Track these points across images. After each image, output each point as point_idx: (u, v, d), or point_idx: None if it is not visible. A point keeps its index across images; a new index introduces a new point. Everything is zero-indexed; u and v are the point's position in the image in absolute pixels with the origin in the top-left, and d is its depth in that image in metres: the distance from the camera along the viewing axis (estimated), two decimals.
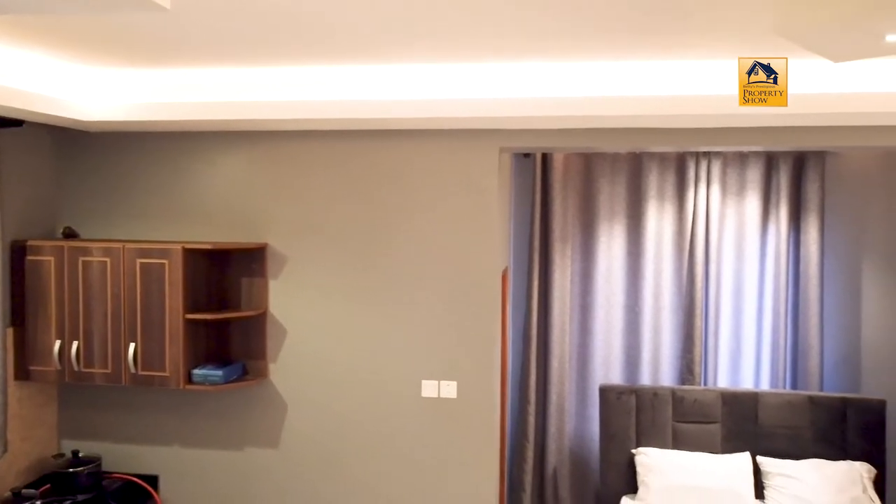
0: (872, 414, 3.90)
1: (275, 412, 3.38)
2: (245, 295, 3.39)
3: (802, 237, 4.18)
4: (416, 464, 3.27)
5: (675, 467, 3.83)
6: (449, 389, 3.25)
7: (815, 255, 4.15)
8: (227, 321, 3.38)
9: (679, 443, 3.99)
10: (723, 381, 4.31)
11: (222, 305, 3.39)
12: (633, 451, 3.99)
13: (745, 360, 4.30)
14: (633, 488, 3.94)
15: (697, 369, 4.22)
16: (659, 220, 4.28)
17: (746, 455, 3.90)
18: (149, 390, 3.45)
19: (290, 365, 3.36)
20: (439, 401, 3.25)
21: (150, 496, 3.47)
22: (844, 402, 3.93)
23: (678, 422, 4.01)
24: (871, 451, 3.86)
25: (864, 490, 3.69)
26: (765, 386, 4.27)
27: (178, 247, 3.15)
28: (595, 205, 4.31)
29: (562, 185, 4.29)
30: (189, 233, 3.38)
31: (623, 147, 3.32)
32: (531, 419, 4.34)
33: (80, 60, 2.81)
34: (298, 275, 3.33)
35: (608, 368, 4.37)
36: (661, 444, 3.99)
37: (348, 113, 2.92)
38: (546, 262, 4.33)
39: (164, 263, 3.16)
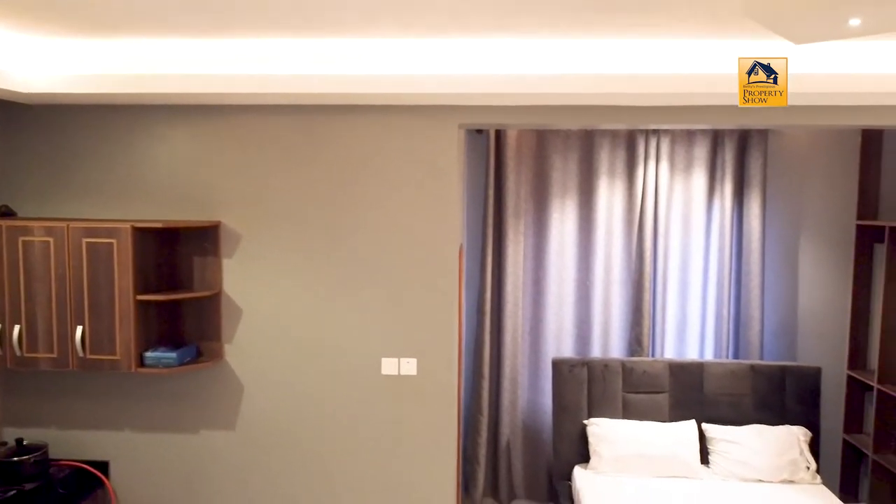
0: (808, 381, 4.11)
1: (231, 394, 3.32)
2: (198, 275, 3.29)
3: (745, 212, 4.34)
4: (376, 442, 3.28)
5: (626, 436, 3.95)
6: (409, 366, 3.25)
7: (757, 230, 4.31)
8: (179, 302, 3.28)
9: (629, 413, 4.11)
10: (670, 353, 4.46)
11: (174, 286, 3.29)
12: (585, 421, 4.09)
13: (690, 332, 4.45)
14: (585, 458, 4.06)
15: (646, 341, 4.35)
16: (610, 197, 4.36)
17: (692, 423, 4.06)
18: (98, 375, 3.33)
19: (246, 345, 3.30)
20: (399, 378, 3.25)
21: (101, 483, 3.37)
22: (783, 370, 4.12)
23: (628, 392, 4.14)
24: (807, 416, 4.08)
25: (801, 452, 3.90)
26: (709, 356, 4.44)
27: (127, 226, 3.02)
28: (548, 181, 4.35)
29: (515, 161, 4.31)
30: (138, 211, 3.25)
31: (579, 124, 3.35)
32: (485, 393, 4.40)
33: (20, 29, 2.64)
34: (253, 253, 3.25)
35: (560, 342, 4.46)
36: (612, 415, 4.11)
37: (304, 87, 2.85)
38: (500, 237, 4.36)
39: (111, 243, 3.04)
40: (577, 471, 3.98)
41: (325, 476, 3.31)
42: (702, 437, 4.05)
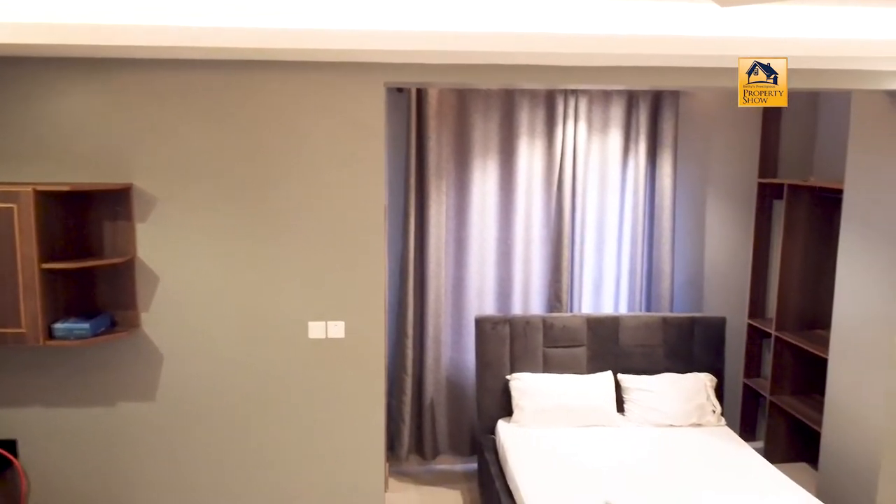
0: (714, 330, 4.36)
1: (150, 364, 3.19)
2: (109, 240, 3.12)
3: (658, 172, 4.50)
4: (304, 406, 3.25)
5: (546, 389, 4.09)
6: (337, 329, 3.22)
7: (669, 189, 4.48)
8: (90, 270, 3.10)
9: (549, 366, 4.25)
10: (587, 308, 4.61)
11: (85, 253, 3.10)
12: (508, 377, 4.20)
13: (606, 287, 4.62)
14: (507, 412, 4.17)
15: (565, 297, 4.48)
16: (530, 156, 4.41)
17: (609, 374, 4.24)
18: (2, 349, 3.12)
19: (165, 313, 3.17)
20: (327, 341, 3.22)
21: (9, 463, 3.19)
22: (692, 321, 4.35)
23: (548, 347, 4.26)
24: (712, 363, 4.34)
25: (708, 397, 4.15)
26: (623, 310, 4.63)
27: (29, 189, 2.81)
28: (469, 141, 4.36)
29: (437, 121, 4.28)
30: (41, 173, 3.02)
31: (502, 83, 3.35)
32: (409, 352, 4.43)
33: None
34: (169, 217, 3.10)
35: (482, 300, 4.52)
36: (533, 369, 4.23)
37: (222, 41, 2.69)
38: (422, 198, 4.35)
39: (11, 208, 2.82)
40: (501, 424, 4.10)
41: (252, 443, 3.26)
42: (618, 387, 4.24)
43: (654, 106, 4.45)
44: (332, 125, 3.08)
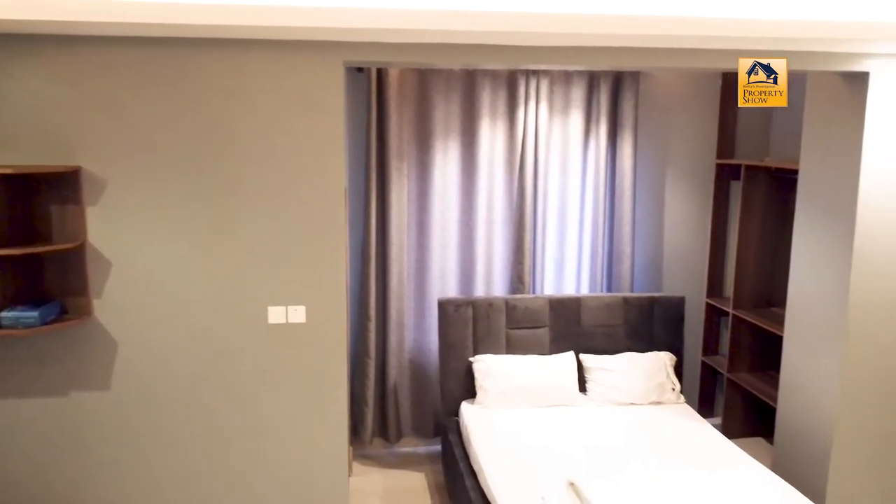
0: (673, 309, 4.42)
1: (103, 352, 3.10)
2: (58, 225, 3.00)
3: (618, 153, 4.52)
4: (265, 393, 3.19)
5: (509, 371, 4.10)
6: (297, 314, 3.17)
7: (629, 170, 4.51)
8: (38, 256, 2.99)
9: (512, 348, 4.26)
10: (549, 289, 4.64)
11: (32, 238, 2.98)
12: (471, 359, 4.20)
13: (568, 268, 4.65)
14: (471, 394, 4.18)
15: (527, 279, 4.49)
16: (491, 138, 4.39)
17: (571, 354, 4.27)
18: None
19: (118, 300, 3.07)
20: (288, 327, 3.16)
21: None
22: (651, 301, 4.41)
23: (511, 329, 4.28)
24: (672, 342, 4.40)
25: (668, 375, 4.22)
26: (585, 291, 4.66)
27: None
28: (430, 122, 4.31)
29: (397, 102, 4.22)
30: None
31: (463, 63, 3.30)
32: (372, 335, 4.40)
33: None
34: (121, 200, 3.00)
35: (445, 282, 4.51)
36: (496, 351, 4.24)
37: (175, 17, 2.59)
38: (383, 180, 4.30)
39: None
40: (464, 406, 4.10)
41: (213, 430, 3.20)
42: (580, 367, 4.28)
43: (614, 87, 4.46)
44: (289, 106, 3.01)
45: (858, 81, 3.31)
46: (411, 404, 4.61)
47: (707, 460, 3.42)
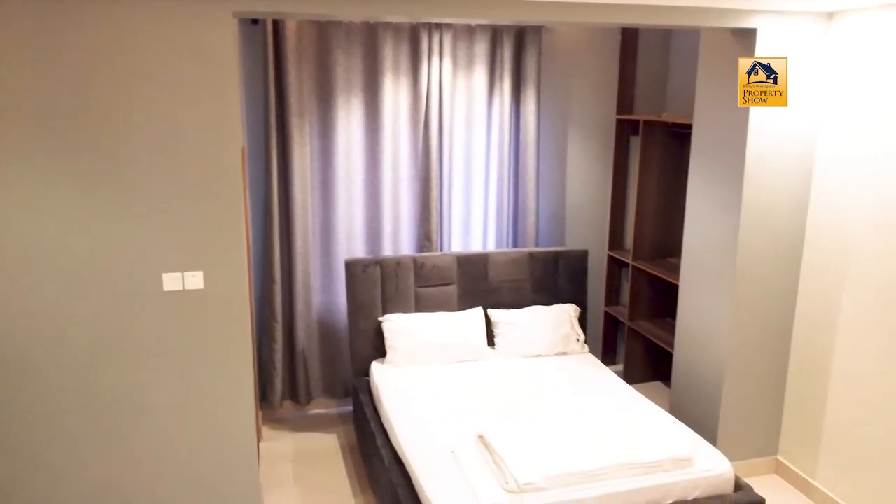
0: (577, 263, 4.53)
1: None
2: None
3: (522, 108, 4.53)
4: (165, 363, 3.05)
5: (419, 329, 4.11)
6: (195, 280, 3.03)
7: (533, 125, 4.54)
8: None
9: (421, 306, 4.27)
10: (457, 246, 4.65)
11: None
12: (380, 318, 4.18)
13: (474, 225, 4.67)
14: (381, 353, 4.18)
15: (434, 236, 4.48)
16: (395, 94, 4.31)
17: (479, 310, 4.32)
18: None
19: None
20: (185, 293, 3.03)
21: None
22: (556, 255, 4.50)
23: (419, 287, 4.28)
24: (576, 294, 4.53)
25: (572, 327, 4.34)
26: (491, 247, 4.71)
27: None
28: (332, 78, 4.18)
29: (296, 56, 4.06)
30: None
31: (363, 15, 3.20)
32: (277, 298, 4.30)
33: None
34: None
35: (351, 242, 4.44)
36: (405, 309, 4.24)
37: None
38: (284, 138, 4.16)
39: None
40: (375, 366, 4.09)
41: (110, 408, 3.03)
42: (488, 322, 4.34)
43: (517, 42, 4.45)
44: (175, 60, 2.82)
45: (747, 37, 3.42)
46: (321, 366, 4.56)
47: (609, 406, 3.56)
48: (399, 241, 4.51)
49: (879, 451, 3.29)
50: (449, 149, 4.45)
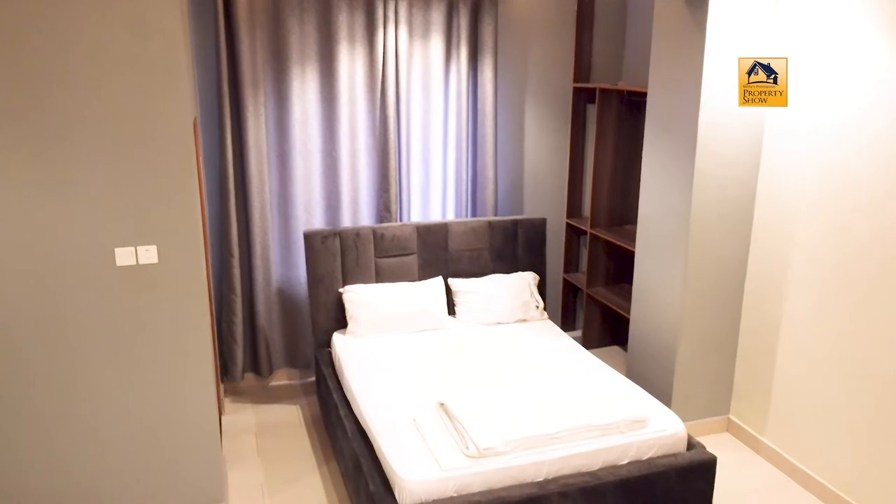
0: (536, 231, 4.58)
1: None
2: None
3: (480, 77, 4.52)
4: (121, 341, 3.00)
5: (380, 299, 4.13)
6: (148, 255, 2.98)
7: (490, 94, 4.53)
8: None
9: (382, 277, 4.28)
10: (416, 216, 4.65)
11: None
12: (341, 290, 4.18)
13: (433, 195, 4.67)
14: (342, 324, 4.19)
15: (394, 207, 4.48)
16: (351, 63, 4.25)
17: (439, 279, 4.35)
18: None
19: None
20: (139, 268, 2.98)
21: None
22: (515, 224, 4.54)
23: (380, 258, 4.28)
24: (535, 262, 4.58)
25: (531, 294, 4.40)
26: (451, 216, 4.72)
27: None
28: (285, 47, 4.10)
29: (248, 24, 3.97)
30: None
31: None
32: (236, 272, 4.26)
33: None
34: None
35: (310, 214, 4.41)
36: (366, 280, 4.24)
37: None
38: (238, 110, 4.08)
39: None
40: (336, 337, 4.10)
41: (65, 389, 2.97)
42: (448, 291, 4.37)
43: (473, 10, 4.42)
44: (119, 31, 2.72)
45: (699, 6, 3.45)
46: (282, 339, 4.56)
47: (568, 370, 3.63)
48: (358, 213, 4.49)
49: (823, 408, 3.44)
50: (406, 119, 4.42)
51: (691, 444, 3.18)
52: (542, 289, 4.55)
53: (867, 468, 3.22)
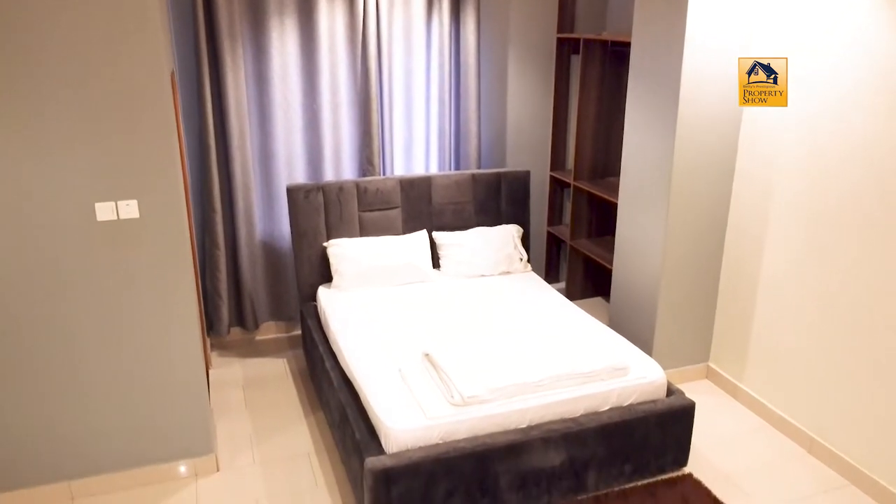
0: (519, 184, 4.58)
1: None
2: None
3: (462, 30, 4.45)
4: (104, 297, 2.99)
5: (364, 253, 4.14)
6: (129, 209, 2.95)
7: (473, 47, 4.48)
8: None
9: (366, 230, 4.28)
10: (399, 170, 4.64)
11: None
12: (325, 244, 4.18)
13: (416, 148, 4.65)
14: (327, 278, 4.20)
15: (377, 160, 4.45)
16: (331, 14, 4.17)
17: (423, 233, 4.36)
18: None
19: None
20: (119, 223, 2.95)
21: None
22: (498, 177, 4.53)
23: (363, 212, 4.27)
24: (518, 215, 4.60)
25: (515, 247, 4.43)
26: (434, 170, 4.71)
27: None
28: None
29: None
30: None
31: None
32: (219, 227, 4.25)
33: None
34: None
35: (292, 169, 4.39)
36: (350, 234, 4.25)
37: None
38: (216, 63, 4.01)
39: None
40: (321, 290, 4.12)
41: (50, 349, 2.96)
42: (432, 244, 4.39)
43: None
44: None
45: None
46: (267, 293, 4.57)
47: (552, 321, 3.68)
48: (341, 166, 4.47)
49: (798, 355, 3.52)
50: (388, 71, 4.37)
51: (671, 391, 3.25)
52: (525, 241, 4.58)
53: (840, 412, 3.32)
